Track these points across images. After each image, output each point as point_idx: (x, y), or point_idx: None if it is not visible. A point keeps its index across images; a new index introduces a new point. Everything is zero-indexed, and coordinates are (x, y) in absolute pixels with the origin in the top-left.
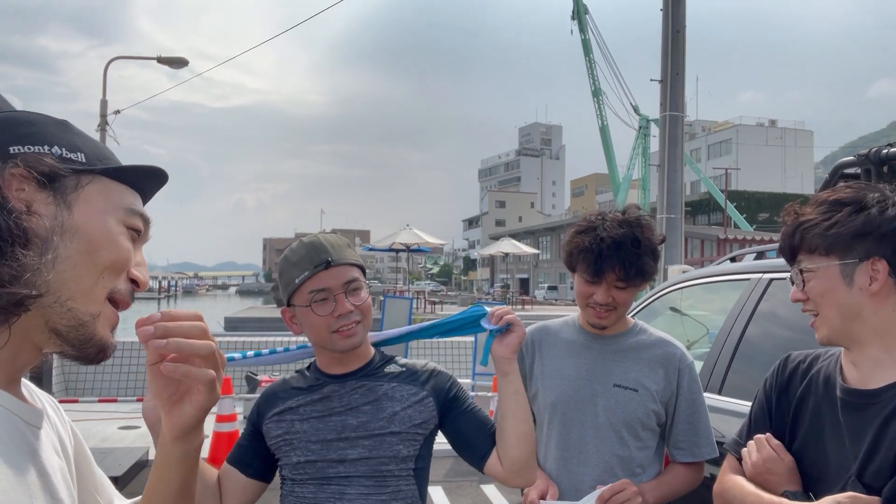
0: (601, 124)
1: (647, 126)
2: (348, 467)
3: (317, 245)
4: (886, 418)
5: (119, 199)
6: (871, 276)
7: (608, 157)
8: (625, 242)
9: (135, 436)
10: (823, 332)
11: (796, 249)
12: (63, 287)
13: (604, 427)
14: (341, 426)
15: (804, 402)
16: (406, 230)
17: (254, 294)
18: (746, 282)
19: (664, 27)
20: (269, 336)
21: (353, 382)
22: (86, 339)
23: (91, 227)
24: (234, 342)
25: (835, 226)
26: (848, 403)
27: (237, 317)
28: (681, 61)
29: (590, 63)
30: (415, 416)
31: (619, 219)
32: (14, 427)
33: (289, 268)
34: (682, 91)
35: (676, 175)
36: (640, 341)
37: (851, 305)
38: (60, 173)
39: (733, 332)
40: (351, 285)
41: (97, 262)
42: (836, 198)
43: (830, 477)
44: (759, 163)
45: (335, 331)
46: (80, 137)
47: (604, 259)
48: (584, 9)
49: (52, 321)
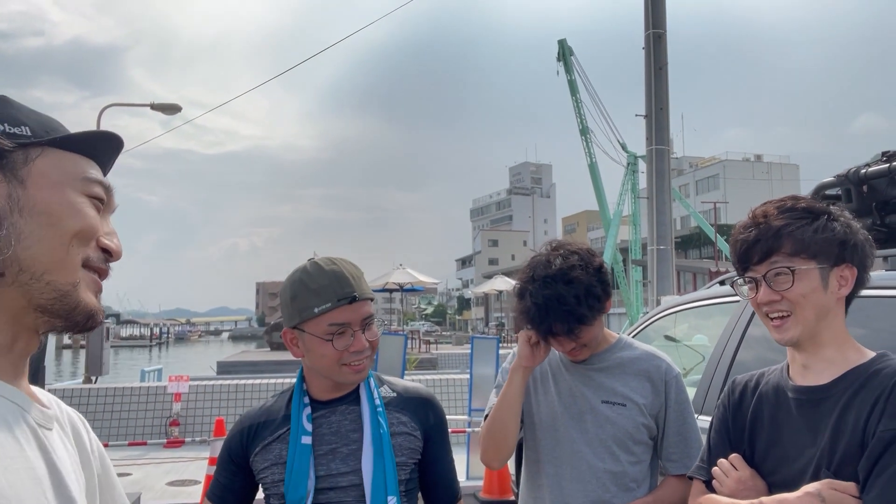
0: (590, 162)
1: (634, 162)
2: (339, 494)
3: (340, 276)
4: (844, 407)
5: (73, 168)
6: (839, 281)
7: (598, 193)
8: (550, 304)
9: (127, 482)
10: (795, 333)
11: (774, 251)
12: (35, 263)
13: (595, 443)
14: (331, 454)
15: (758, 414)
16: (399, 270)
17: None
18: (736, 304)
19: (647, 64)
20: (262, 378)
21: (344, 408)
22: (71, 308)
23: (50, 200)
24: (227, 385)
25: (819, 231)
26: (803, 402)
27: (230, 361)
28: (664, 96)
29: (576, 102)
30: (405, 444)
31: (542, 276)
32: (26, 424)
33: (306, 293)
34: (666, 125)
35: (665, 207)
36: (624, 356)
37: (824, 308)
38: (5, 149)
39: (725, 353)
40: (367, 321)
41: (63, 232)
42: (805, 205)
43: (798, 476)
44: (746, 197)
45: (346, 364)
46: (22, 111)
47: (538, 324)
48: (569, 50)
49: (34, 298)
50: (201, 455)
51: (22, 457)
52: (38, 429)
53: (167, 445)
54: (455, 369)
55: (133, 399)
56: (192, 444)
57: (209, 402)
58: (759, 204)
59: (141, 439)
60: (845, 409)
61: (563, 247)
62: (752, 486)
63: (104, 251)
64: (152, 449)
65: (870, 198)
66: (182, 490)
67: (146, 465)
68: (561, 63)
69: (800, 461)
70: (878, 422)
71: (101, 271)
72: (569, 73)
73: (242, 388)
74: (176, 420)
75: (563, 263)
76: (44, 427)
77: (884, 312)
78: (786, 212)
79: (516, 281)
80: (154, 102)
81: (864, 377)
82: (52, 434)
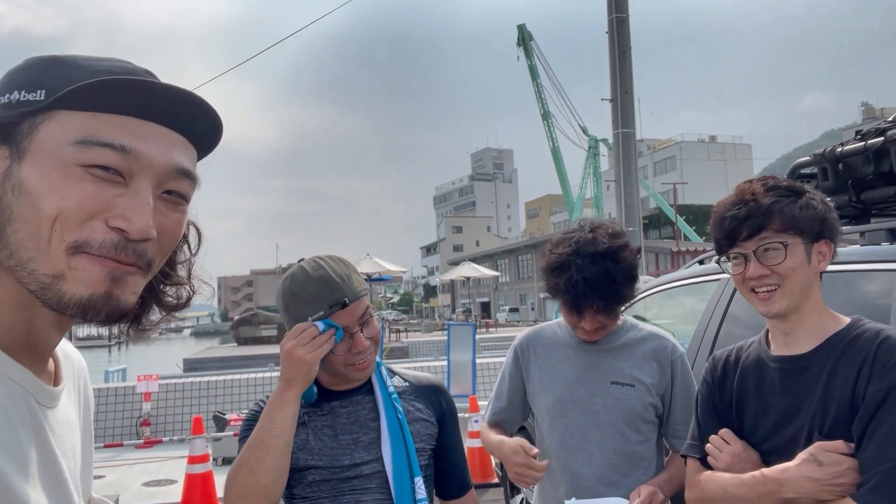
0: (552, 146)
1: (595, 146)
2: (363, 481)
3: (328, 281)
4: (830, 373)
5: (72, 132)
6: (819, 255)
7: (561, 177)
8: (599, 282)
9: (103, 485)
10: (783, 304)
11: (763, 227)
12: (21, 248)
13: (605, 425)
14: (353, 444)
15: (743, 387)
16: (367, 259)
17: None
18: (717, 282)
19: (611, 49)
20: (232, 374)
21: (359, 398)
22: (57, 301)
23: (31, 176)
24: (197, 382)
25: (804, 208)
26: (787, 370)
27: (197, 358)
28: (629, 80)
29: (537, 88)
30: (422, 431)
31: (591, 252)
32: (25, 405)
33: (298, 304)
34: (632, 108)
35: (632, 189)
36: (631, 338)
37: (807, 281)
38: (7, 122)
39: (707, 332)
40: (364, 317)
41: (41, 214)
42: (787, 185)
43: (790, 443)
44: (702, 177)
45: (351, 364)
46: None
47: (581, 298)
48: (528, 35)
49: (24, 285)
50: (176, 454)
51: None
52: (38, 410)
53: (143, 445)
54: (428, 356)
55: (101, 401)
56: (168, 443)
57: (180, 400)
58: (741, 183)
59: (110, 441)
60: (832, 375)
61: (605, 226)
62: (747, 457)
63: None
64: (125, 450)
65: (845, 175)
66: (159, 490)
67: (120, 467)
68: (521, 48)
69: (790, 428)
70: (866, 383)
71: (117, 260)
72: (529, 59)
73: (214, 385)
74: (147, 420)
75: (610, 243)
76: (46, 406)
77: (863, 284)
78: (771, 190)
79: (550, 254)
80: None
81: (845, 342)
82: (56, 410)
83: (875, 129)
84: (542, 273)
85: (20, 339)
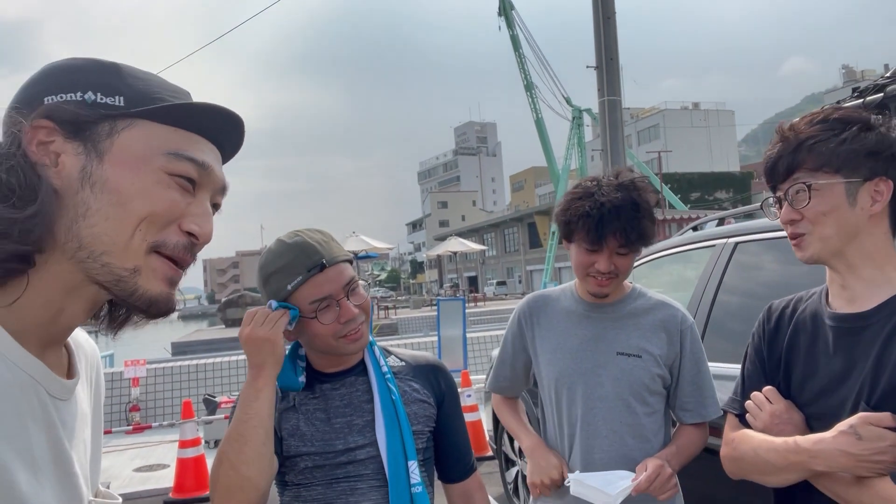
0: (536, 117)
1: (579, 116)
2: (358, 467)
3: (304, 246)
4: (887, 337)
5: (161, 143)
6: (873, 196)
7: (545, 149)
8: (624, 206)
9: None
10: (814, 250)
11: (796, 166)
12: (96, 241)
13: (610, 397)
14: (347, 428)
15: (794, 344)
16: (353, 237)
17: (197, 317)
18: (712, 248)
19: (595, 14)
20: (221, 357)
21: (353, 379)
22: (128, 294)
23: (121, 177)
24: (186, 366)
25: (846, 142)
26: (841, 329)
27: (184, 341)
28: (613, 47)
29: (520, 58)
30: (420, 412)
31: (614, 183)
32: (36, 398)
33: (276, 275)
34: (617, 76)
35: (619, 158)
36: (639, 306)
37: (851, 225)
38: (87, 120)
39: (704, 298)
40: (350, 286)
41: (130, 214)
42: (839, 116)
43: (837, 409)
44: (686, 145)
45: (342, 336)
46: (126, 80)
47: (604, 225)
48: (509, 5)
49: (91, 276)
50: (167, 438)
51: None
52: (49, 403)
53: (133, 431)
54: (418, 332)
55: None
56: (158, 428)
57: (169, 384)
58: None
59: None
60: (889, 339)
61: (626, 170)
62: (788, 419)
63: (190, 235)
64: (115, 436)
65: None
66: (150, 475)
67: (110, 454)
68: (502, 18)
69: (838, 394)
70: None
71: (181, 258)
72: (510, 29)
73: (203, 368)
74: (136, 405)
75: (630, 177)
76: (58, 399)
77: None
78: (815, 124)
79: (571, 191)
80: None
81: None
82: (69, 403)
83: (874, 86)
84: (559, 212)
85: (41, 327)
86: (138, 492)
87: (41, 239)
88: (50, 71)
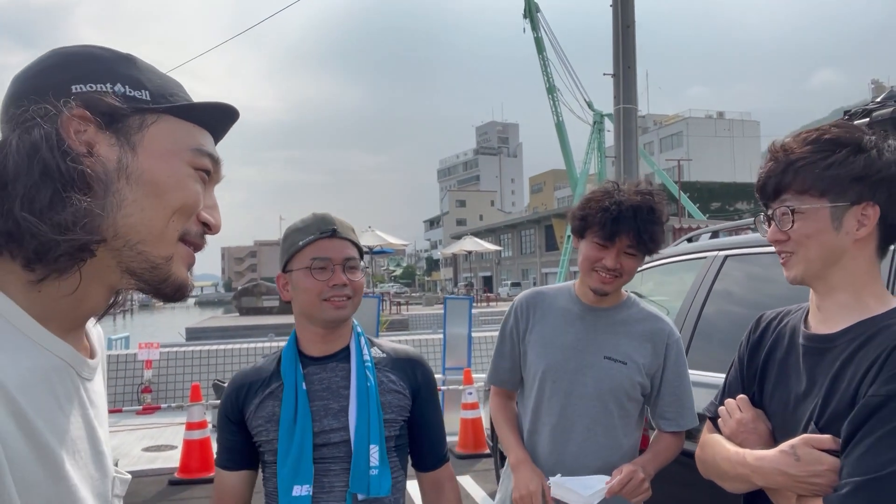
0: (557, 121)
1: (601, 121)
2: (331, 449)
3: (325, 217)
4: (844, 362)
5: (186, 138)
6: (859, 220)
7: (565, 152)
8: (641, 209)
9: None
10: (798, 271)
11: (784, 187)
12: (132, 231)
13: (591, 397)
14: (324, 411)
15: (772, 355)
16: (368, 232)
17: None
18: (703, 260)
19: (614, 23)
20: (232, 344)
21: (334, 365)
22: (161, 280)
23: (157, 170)
24: (198, 351)
25: (832, 166)
26: (809, 349)
27: (198, 327)
28: (632, 55)
29: (543, 61)
30: (393, 402)
31: (635, 188)
32: (70, 380)
33: (293, 233)
34: (634, 84)
35: (632, 166)
36: (631, 315)
37: (835, 249)
38: (123, 113)
39: (692, 308)
40: (349, 262)
41: (165, 205)
42: (830, 137)
43: (795, 427)
44: (709, 154)
45: (326, 299)
46: (145, 74)
47: (619, 222)
48: (535, 7)
49: (125, 263)
50: (176, 421)
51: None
52: (80, 385)
53: (143, 412)
54: (427, 329)
55: None
56: (167, 410)
57: (180, 368)
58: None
59: (112, 406)
60: (845, 365)
61: (642, 181)
62: (753, 429)
63: (204, 225)
64: (126, 416)
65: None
66: (158, 455)
67: (120, 432)
68: (527, 20)
69: (798, 412)
70: (870, 384)
71: (198, 245)
72: (535, 31)
73: (214, 354)
74: (148, 387)
75: (648, 186)
76: (86, 379)
77: None
78: (807, 144)
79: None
80: None
81: (873, 330)
82: (94, 382)
83: (861, 110)
84: (576, 209)
85: (64, 313)
86: (145, 470)
87: (102, 228)
88: (70, 58)
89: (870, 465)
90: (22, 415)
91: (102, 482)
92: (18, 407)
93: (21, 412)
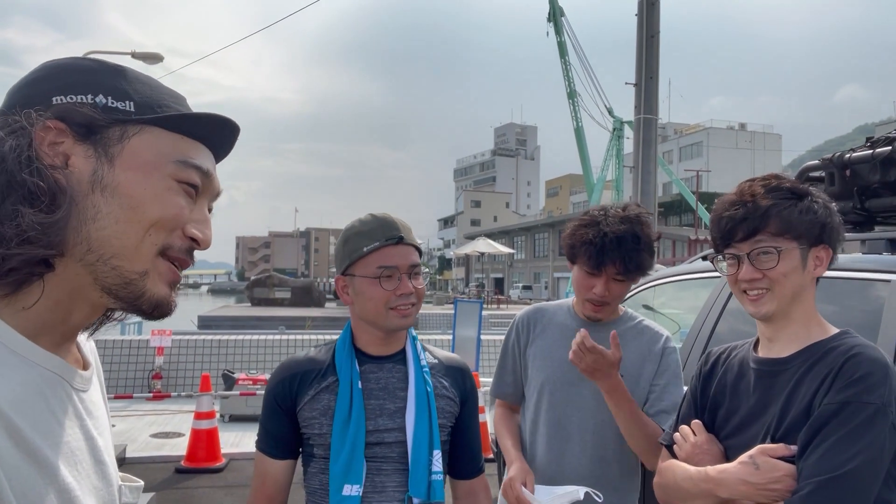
0: (576, 126)
1: (620, 128)
2: (384, 449)
3: (388, 221)
4: (798, 379)
5: (170, 150)
6: (815, 261)
7: (583, 158)
8: (626, 238)
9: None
10: (772, 307)
11: (759, 229)
12: (106, 245)
13: (590, 408)
14: (379, 410)
15: (723, 384)
16: None
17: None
18: (719, 279)
19: (639, 32)
20: (244, 335)
21: (391, 366)
22: (136, 297)
23: (133, 182)
24: (209, 340)
25: (805, 213)
26: (762, 372)
27: (211, 315)
28: (654, 65)
29: (565, 65)
30: (445, 407)
31: (620, 215)
32: (64, 393)
33: (356, 237)
34: (655, 94)
35: (650, 177)
36: (628, 329)
37: (800, 286)
38: (100, 124)
39: (705, 327)
40: (414, 269)
41: (140, 218)
42: (789, 186)
43: (750, 442)
44: (728, 165)
45: (393, 307)
46: (134, 85)
47: (605, 253)
48: (560, 11)
49: (100, 279)
50: (185, 408)
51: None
52: (75, 396)
53: (153, 398)
54: (436, 329)
55: (115, 352)
56: (177, 397)
57: (191, 356)
58: (744, 181)
59: (123, 392)
60: (799, 382)
61: (632, 205)
62: (707, 450)
63: (192, 240)
64: (135, 401)
65: (851, 182)
66: (166, 442)
67: (130, 417)
68: (551, 24)
69: (753, 428)
70: (824, 395)
71: (182, 261)
72: (558, 35)
73: (225, 344)
74: (158, 374)
75: (636, 211)
76: (81, 391)
77: (860, 293)
78: (772, 191)
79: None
80: (135, 51)
81: (821, 352)
82: (89, 393)
83: (884, 138)
84: (566, 236)
85: (52, 328)
86: (152, 456)
87: (62, 243)
88: (56, 70)
89: (827, 465)
90: (16, 430)
91: (107, 491)
92: (12, 423)
93: (15, 428)
